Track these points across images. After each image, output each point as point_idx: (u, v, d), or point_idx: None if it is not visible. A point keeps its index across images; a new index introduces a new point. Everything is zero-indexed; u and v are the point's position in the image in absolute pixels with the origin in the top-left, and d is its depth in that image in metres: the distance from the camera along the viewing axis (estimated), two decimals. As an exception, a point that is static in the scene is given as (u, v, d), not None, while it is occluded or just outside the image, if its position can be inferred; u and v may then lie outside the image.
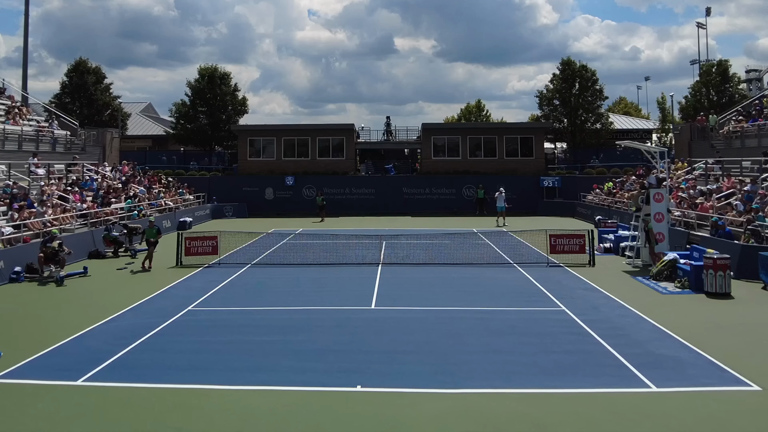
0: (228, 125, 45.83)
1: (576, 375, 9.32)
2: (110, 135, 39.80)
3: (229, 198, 39.26)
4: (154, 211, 29.75)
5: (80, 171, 30.29)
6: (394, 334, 11.62)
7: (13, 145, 28.83)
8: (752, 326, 12.03)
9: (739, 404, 8.19)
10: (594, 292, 15.29)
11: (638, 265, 18.75)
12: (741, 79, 49.46)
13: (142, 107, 60.04)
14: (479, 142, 41.96)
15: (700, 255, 16.06)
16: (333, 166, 41.39)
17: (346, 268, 18.90)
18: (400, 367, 9.67)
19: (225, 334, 11.79)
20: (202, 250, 20.20)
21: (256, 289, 16.09)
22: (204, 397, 8.60)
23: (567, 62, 46.75)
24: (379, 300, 14.56)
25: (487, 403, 8.28)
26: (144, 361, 10.15)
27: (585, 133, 45.60)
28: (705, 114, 37.43)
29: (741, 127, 30.70)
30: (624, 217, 26.65)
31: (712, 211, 20.97)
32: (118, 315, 13.25)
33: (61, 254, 17.45)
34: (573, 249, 19.66)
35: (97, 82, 45.82)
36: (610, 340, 11.02)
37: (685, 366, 9.69)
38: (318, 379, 9.23)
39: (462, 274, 17.75)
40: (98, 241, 22.20)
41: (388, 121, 45.06)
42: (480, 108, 64.99)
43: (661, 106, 60.42)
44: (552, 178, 39.75)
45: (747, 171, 25.21)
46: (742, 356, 10.04)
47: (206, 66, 47.77)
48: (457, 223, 31.68)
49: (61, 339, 11.34)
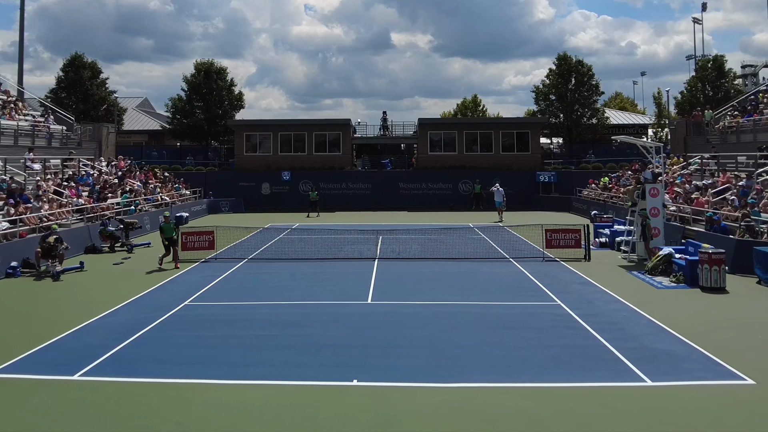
0: (224, 120, 45.73)
1: (571, 369, 9.36)
2: (106, 130, 39.69)
3: (225, 193, 39.21)
4: (150, 205, 29.70)
5: (76, 166, 30.20)
6: (390, 329, 11.65)
7: (9, 140, 28.73)
8: (747, 321, 12.08)
9: (733, 398, 8.23)
10: (589, 287, 15.34)
11: (634, 260, 18.81)
12: (736, 74, 49.56)
13: (138, 102, 59.82)
14: (475, 137, 41.95)
15: (695, 250, 16.15)
16: (329, 161, 41.37)
17: (342, 262, 18.91)
18: (396, 361, 9.70)
19: (221, 328, 11.80)
20: (198, 245, 20.17)
21: (252, 284, 16.10)
22: (200, 392, 8.61)
23: (563, 57, 46.76)
24: (375, 294, 14.59)
25: (483, 397, 8.31)
26: (140, 356, 10.15)
27: (581, 128, 45.65)
28: (701, 109, 37.50)
29: (736, 123, 30.78)
30: (620, 212, 26.72)
31: (707, 206, 21.03)
32: (114, 310, 13.24)
33: (59, 249, 17.37)
34: (569, 244, 19.70)
35: (93, 77, 45.63)
36: (605, 334, 11.06)
37: (680, 360, 9.73)
38: (314, 373, 9.25)
39: (458, 269, 17.78)
40: (94, 236, 22.17)
41: (384, 116, 45.06)
42: (476, 103, 65.00)
43: (657, 101, 60.49)
44: (548, 173, 39.80)
45: (742, 166, 25.28)
46: (737, 350, 10.09)
47: (202, 61, 47.65)
48: (453, 218, 31.70)
49: (58, 334, 11.33)
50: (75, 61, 45.28)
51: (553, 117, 46.05)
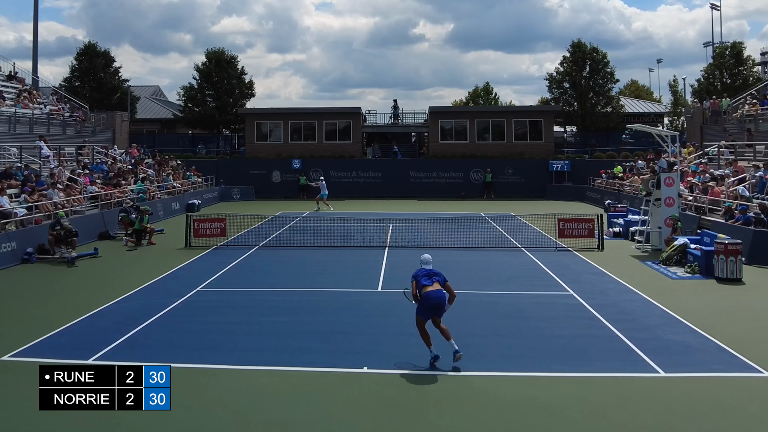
0: (235, 109, 45.78)
1: (583, 359, 9.31)
2: (120, 118, 39.90)
3: (236, 181, 39.35)
4: (163, 193, 29.86)
5: (90, 154, 30.40)
6: (400, 317, 11.59)
7: (25, 128, 28.95)
8: (763, 312, 11.95)
9: (748, 390, 8.14)
10: (602, 277, 15.23)
11: (647, 250, 18.63)
12: (755, 61, 48.77)
13: (152, 91, 60.06)
14: (487, 125, 41.66)
15: (711, 240, 15.96)
16: (339, 149, 41.28)
17: (352, 251, 18.91)
18: (406, 349, 9.67)
19: (233, 314, 11.87)
20: (210, 232, 20.29)
21: (263, 271, 16.16)
22: (212, 377, 8.67)
23: (577, 45, 46.06)
24: (385, 282, 14.57)
25: (494, 386, 8.29)
26: (153, 341, 10.24)
27: (595, 117, 45.15)
28: (716, 98, 36.98)
29: (755, 111, 30.32)
30: (634, 202, 26.49)
31: (723, 196, 20.77)
32: (128, 295, 13.34)
33: (64, 232, 17.64)
34: (582, 233, 19.55)
35: (107, 66, 45.81)
36: (618, 324, 10.98)
37: (693, 351, 9.64)
38: (324, 360, 9.28)
39: (469, 258, 17.72)
40: (108, 222, 22.32)
41: (395, 105, 44.84)
42: (488, 91, 64.50)
43: (673, 89, 59.82)
44: (561, 162, 39.47)
45: (760, 155, 24.92)
46: (753, 342, 9.97)
47: (213, 49, 47.60)
48: (464, 207, 31.59)
49: (73, 319, 11.45)
50: (88, 49, 45.44)
51: (566, 105, 45.59)
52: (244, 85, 47.81)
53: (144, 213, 21.09)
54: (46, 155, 25.96)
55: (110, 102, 44.41)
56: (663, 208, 18.59)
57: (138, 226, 20.55)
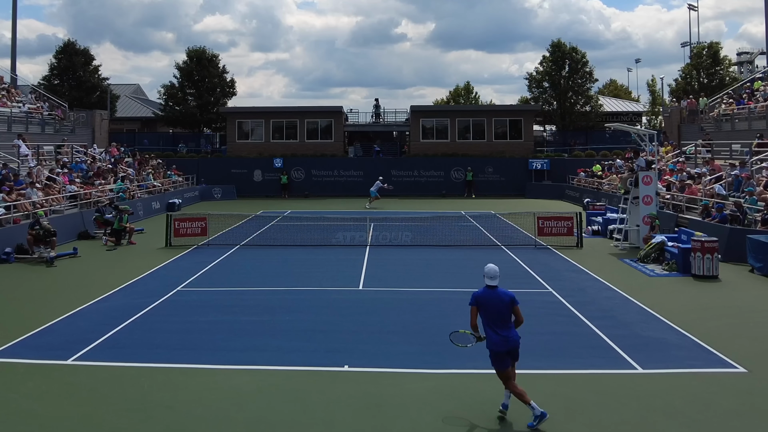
0: (216, 107, 45.45)
1: (562, 356, 9.41)
2: (99, 117, 39.47)
3: (217, 180, 39.09)
4: (143, 192, 29.58)
5: (69, 153, 30.02)
6: (381, 315, 11.68)
7: (3, 127, 28.50)
8: (739, 309, 12.13)
9: (724, 386, 8.27)
10: (581, 274, 15.40)
11: (626, 248, 18.86)
12: (732, 61, 49.55)
13: (132, 89, 59.41)
14: (468, 124, 41.89)
15: (688, 238, 16.19)
16: (321, 148, 41.23)
17: (333, 249, 18.91)
18: (387, 348, 9.74)
19: (213, 314, 11.81)
20: (191, 232, 20.16)
21: (244, 270, 16.09)
22: (192, 376, 8.64)
23: (557, 45, 46.50)
24: (366, 281, 14.60)
25: (474, 383, 8.35)
26: (133, 341, 10.17)
27: (574, 116, 45.56)
28: (693, 97, 37.54)
29: (731, 110, 30.84)
30: (612, 200, 26.79)
31: (701, 194, 21.10)
32: (107, 295, 13.23)
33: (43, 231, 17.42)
34: (561, 231, 19.73)
35: (86, 64, 45.21)
36: (596, 321, 11.11)
37: (671, 348, 9.79)
38: (305, 358, 9.28)
39: (450, 256, 17.81)
40: (87, 222, 22.07)
41: (377, 104, 44.88)
42: (469, 90, 64.74)
43: (651, 88, 60.55)
44: (541, 161, 39.79)
45: (737, 154, 25.35)
46: (729, 339, 10.13)
47: (194, 48, 47.20)
48: (445, 206, 31.69)
49: (52, 319, 11.33)
50: (68, 47, 44.79)
51: (546, 104, 45.96)
52: (226, 84, 47.48)
53: (124, 212, 20.92)
54: (25, 154, 25.62)
55: (90, 100, 43.81)
56: (641, 207, 18.84)
57: (117, 225, 20.38)
